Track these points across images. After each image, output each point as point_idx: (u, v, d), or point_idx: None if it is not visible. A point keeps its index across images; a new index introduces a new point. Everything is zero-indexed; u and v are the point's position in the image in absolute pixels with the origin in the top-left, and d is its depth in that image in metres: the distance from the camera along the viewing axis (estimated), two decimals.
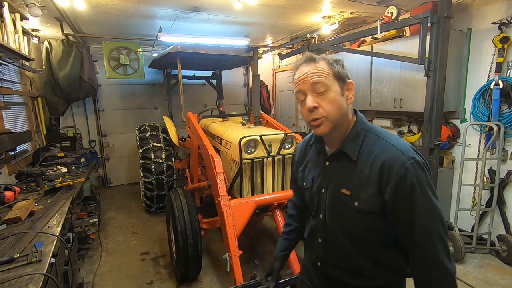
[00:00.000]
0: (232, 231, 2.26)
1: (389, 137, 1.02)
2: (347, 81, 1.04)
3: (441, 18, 2.91)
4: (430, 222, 0.94)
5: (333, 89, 1.00)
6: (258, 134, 2.66)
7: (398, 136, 1.08)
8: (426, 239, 0.94)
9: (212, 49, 4.08)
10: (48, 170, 3.21)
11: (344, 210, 1.06)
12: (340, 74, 1.02)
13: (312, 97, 1.00)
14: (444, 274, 0.94)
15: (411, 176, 0.93)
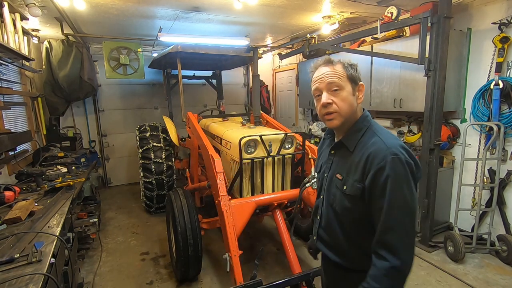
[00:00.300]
0: (232, 231, 2.26)
1: (383, 135, 1.14)
2: (359, 83, 1.20)
3: (441, 18, 2.91)
4: (397, 214, 1.03)
5: (346, 89, 1.16)
6: (258, 134, 2.65)
7: (395, 135, 1.17)
8: (388, 228, 1.04)
9: (212, 49, 4.08)
10: (48, 170, 3.21)
11: (335, 192, 1.22)
12: (353, 76, 1.18)
13: (327, 94, 1.16)
14: (391, 265, 1.02)
15: (388, 169, 1.03)
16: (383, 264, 1.04)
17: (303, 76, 5.73)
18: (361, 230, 1.17)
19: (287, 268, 2.83)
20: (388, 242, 1.04)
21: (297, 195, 2.52)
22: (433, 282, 2.82)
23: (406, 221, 1.04)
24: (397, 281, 1.06)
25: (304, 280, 2.20)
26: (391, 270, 1.03)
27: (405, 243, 1.04)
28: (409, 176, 1.05)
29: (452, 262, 3.11)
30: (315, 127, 5.66)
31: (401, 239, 1.03)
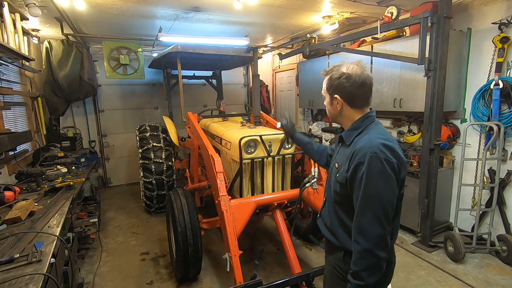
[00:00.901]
0: (232, 231, 2.26)
1: (373, 134, 1.27)
2: (334, 96, 1.36)
3: (441, 18, 2.91)
4: (370, 203, 1.18)
5: (326, 99, 1.43)
6: (258, 134, 2.65)
7: (386, 135, 1.27)
8: (361, 215, 1.19)
9: (212, 49, 4.08)
10: (48, 170, 3.21)
11: (332, 178, 1.43)
12: (331, 89, 1.37)
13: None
14: (363, 248, 1.17)
15: (366, 164, 1.18)
16: (357, 247, 1.19)
17: (303, 76, 5.73)
18: (347, 213, 1.33)
19: (287, 268, 2.82)
20: (360, 227, 1.19)
21: (297, 195, 2.52)
22: (433, 282, 2.82)
23: (379, 210, 1.16)
24: (372, 264, 1.17)
25: (304, 280, 2.20)
26: (364, 253, 1.17)
27: (376, 229, 1.16)
28: (387, 172, 1.17)
29: (452, 262, 3.11)
30: (315, 127, 5.66)
31: (371, 225, 1.16)
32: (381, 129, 1.32)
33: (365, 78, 1.30)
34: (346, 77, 1.30)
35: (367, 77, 1.31)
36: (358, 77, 1.29)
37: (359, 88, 1.30)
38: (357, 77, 1.29)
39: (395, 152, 1.21)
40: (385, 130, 1.33)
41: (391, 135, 1.34)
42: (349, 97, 1.33)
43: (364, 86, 1.31)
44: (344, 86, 1.31)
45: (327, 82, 1.38)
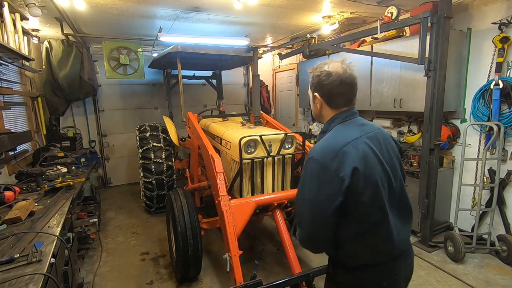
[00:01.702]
0: (232, 231, 2.26)
1: (325, 138, 1.24)
2: (314, 94, 1.32)
3: (441, 18, 2.91)
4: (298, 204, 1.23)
5: (310, 96, 1.36)
6: (258, 134, 2.65)
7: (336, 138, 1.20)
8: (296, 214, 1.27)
9: (212, 49, 4.08)
10: (48, 170, 3.21)
11: None
12: (312, 87, 1.32)
13: None
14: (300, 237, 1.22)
15: (304, 166, 1.20)
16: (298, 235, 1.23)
17: (303, 76, 5.73)
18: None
19: (287, 268, 2.82)
20: (297, 223, 1.23)
21: None
22: (433, 282, 2.82)
23: (304, 211, 1.19)
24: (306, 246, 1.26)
25: (304, 280, 2.20)
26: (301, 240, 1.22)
27: (304, 226, 1.19)
28: (315, 175, 1.14)
29: (452, 262, 3.11)
30: (315, 127, 5.66)
31: (301, 223, 1.20)
32: (343, 130, 1.22)
33: (346, 77, 1.21)
34: (326, 74, 1.23)
35: (348, 76, 1.22)
36: (338, 75, 1.21)
37: (338, 86, 1.22)
38: (336, 75, 1.21)
39: (338, 154, 1.11)
40: (350, 130, 1.22)
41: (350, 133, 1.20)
42: (328, 96, 1.26)
43: (343, 85, 1.22)
44: (323, 84, 1.24)
45: (310, 80, 1.32)
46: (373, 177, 1.14)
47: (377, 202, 1.16)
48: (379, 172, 1.16)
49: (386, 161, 1.21)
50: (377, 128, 1.30)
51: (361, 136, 1.19)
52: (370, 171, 1.13)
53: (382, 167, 1.19)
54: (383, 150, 1.23)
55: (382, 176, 1.17)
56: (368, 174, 1.12)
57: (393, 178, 1.22)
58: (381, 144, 1.24)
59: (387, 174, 1.20)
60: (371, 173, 1.13)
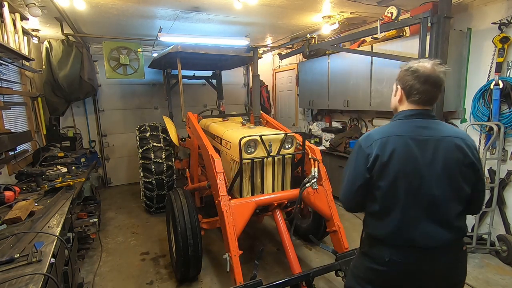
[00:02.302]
0: (232, 231, 2.26)
1: (378, 128, 1.43)
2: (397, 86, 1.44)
3: (441, 18, 2.91)
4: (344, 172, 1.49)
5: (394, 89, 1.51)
6: (258, 134, 2.65)
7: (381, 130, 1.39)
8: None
9: (212, 49, 4.08)
10: (48, 170, 3.21)
11: None
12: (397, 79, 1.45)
13: None
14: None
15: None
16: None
17: (303, 76, 5.73)
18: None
19: (287, 268, 2.82)
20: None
21: (297, 195, 2.52)
22: None
23: (344, 178, 1.45)
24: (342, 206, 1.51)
25: (304, 280, 2.20)
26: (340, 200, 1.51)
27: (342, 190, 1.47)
28: (354, 155, 1.41)
29: None
30: (315, 127, 5.66)
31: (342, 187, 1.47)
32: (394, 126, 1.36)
33: (432, 76, 1.26)
34: (413, 70, 1.29)
35: (436, 76, 1.26)
36: (425, 73, 1.26)
37: (421, 83, 1.28)
38: (423, 73, 1.26)
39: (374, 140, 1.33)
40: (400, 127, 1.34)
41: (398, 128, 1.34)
42: (409, 90, 1.33)
43: (428, 83, 1.27)
44: (407, 78, 1.32)
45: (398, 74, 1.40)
46: (392, 169, 1.28)
47: (392, 191, 1.30)
48: (404, 169, 1.28)
49: (425, 165, 1.27)
50: (442, 136, 1.29)
51: (405, 135, 1.31)
52: (392, 164, 1.28)
53: (414, 167, 1.28)
54: (428, 155, 1.28)
55: (408, 174, 1.28)
56: (389, 164, 1.28)
57: (428, 182, 1.27)
58: (431, 150, 1.28)
59: (419, 176, 1.28)
60: (393, 166, 1.28)
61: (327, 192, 2.70)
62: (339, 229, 2.60)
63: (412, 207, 1.30)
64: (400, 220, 1.31)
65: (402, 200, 1.29)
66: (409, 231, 1.31)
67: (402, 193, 1.29)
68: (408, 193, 1.29)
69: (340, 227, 2.61)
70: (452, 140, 1.29)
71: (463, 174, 1.29)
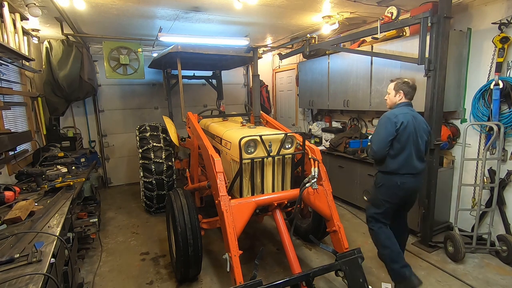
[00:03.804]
0: (232, 231, 2.26)
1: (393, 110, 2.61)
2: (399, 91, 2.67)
3: (441, 18, 2.91)
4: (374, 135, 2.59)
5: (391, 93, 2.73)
6: (258, 134, 2.65)
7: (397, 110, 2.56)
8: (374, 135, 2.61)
9: (212, 49, 4.08)
10: (48, 170, 3.21)
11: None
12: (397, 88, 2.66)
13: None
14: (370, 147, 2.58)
15: (380, 120, 2.57)
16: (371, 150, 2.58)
17: (303, 76, 5.73)
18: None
19: (287, 268, 2.83)
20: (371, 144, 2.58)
21: (297, 195, 2.52)
22: (433, 282, 2.82)
23: (377, 137, 2.51)
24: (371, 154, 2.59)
25: (304, 280, 2.20)
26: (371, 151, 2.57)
27: (376, 144, 2.50)
28: (385, 122, 2.49)
29: (452, 262, 3.11)
30: (315, 127, 5.66)
31: (374, 144, 2.53)
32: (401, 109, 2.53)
33: (414, 86, 2.59)
34: (408, 82, 2.58)
35: (415, 85, 2.60)
36: (412, 84, 2.59)
37: (412, 89, 2.58)
38: (412, 84, 2.59)
39: (397, 116, 2.45)
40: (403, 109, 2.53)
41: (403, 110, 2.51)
42: (407, 92, 2.57)
43: (413, 89, 2.58)
44: (406, 86, 2.57)
45: (395, 84, 2.60)
46: (408, 130, 2.44)
47: (407, 142, 2.45)
48: (411, 131, 2.46)
49: (416, 128, 2.49)
50: (418, 114, 2.58)
51: (408, 112, 2.51)
52: (407, 127, 2.44)
53: (414, 129, 2.47)
54: (417, 123, 2.50)
55: (412, 133, 2.46)
56: (406, 128, 2.44)
57: (419, 137, 2.49)
58: (417, 120, 2.52)
59: (415, 134, 2.48)
60: (407, 128, 2.44)
61: (327, 192, 2.70)
62: (339, 229, 2.60)
63: (411, 151, 2.46)
64: (405, 159, 2.46)
65: (407, 147, 2.45)
66: (409, 165, 2.47)
67: (408, 143, 2.45)
68: (411, 143, 2.46)
69: (340, 227, 2.61)
70: (419, 115, 2.59)
71: (425, 136, 2.57)
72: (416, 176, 2.51)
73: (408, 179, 2.47)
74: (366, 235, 3.80)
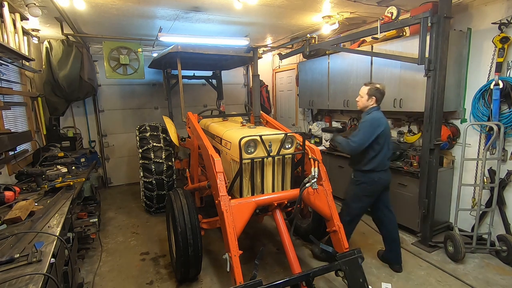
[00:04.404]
0: (232, 231, 2.26)
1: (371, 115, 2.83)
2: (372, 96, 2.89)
3: (441, 18, 2.91)
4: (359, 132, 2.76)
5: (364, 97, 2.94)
6: (258, 134, 2.65)
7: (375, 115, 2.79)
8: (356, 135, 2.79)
9: (212, 49, 4.08)
10: (48, 170, 3.21)
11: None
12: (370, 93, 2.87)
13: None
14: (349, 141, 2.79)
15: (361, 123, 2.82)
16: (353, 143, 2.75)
17: (303, 76, 5.73)
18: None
19: (287, 268, 2.83)
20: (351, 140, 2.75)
21: (297, 195, 2.52)
22: (433, 282, 2.82)
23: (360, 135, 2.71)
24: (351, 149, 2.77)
25: (304, 280, 2.20)
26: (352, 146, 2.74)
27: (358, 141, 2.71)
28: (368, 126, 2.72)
29: (452, 262, 3.12)
30: (315, 127, 5.66)
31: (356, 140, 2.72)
32: (377, 113, 2.78)
33: (384, 91, 2.82)
34: (379, 88, 2.79)
35: (384, 91, 2.83)
36: (383, 90, 2.81)
37: (382, 95, 2.82)
38: (382, 90, 2.81)
39: (380, 120, 2.74)
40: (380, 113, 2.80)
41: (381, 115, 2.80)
42: (379, 98, 2.81)
43: (383, 94, 2.82)
44: (378, 92, 2.79)
45: (368, 89, 2.80)
46: (385, 133, 2.74)
47: (384, 143, 2.76)
48: (387, 132, 2.78)
49: (388, 130, 2.81)
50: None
51: (383, 117, 2.79)
52: (385, 131, 2.74)
53: (388, 133, 2.79)
54: (388, 127, 2.80)
55: (387, 135, 2.79)
56: (384, 131, 2.74)
57: (389, 140, 2.83)
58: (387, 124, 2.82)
59: (389, 136, 2.82)
60: (385, 131, 2.75)
61: (327, 192, 2.70)
62: (339, 229, 2.60)
63: (386, 151, 2.79)
64: (382, 158, 2.77)
65: (384, 148, 2.77)
66: (384, 163, 2.80)
67: (385, 144, 2.77)
68: (386, 144, 2.79)
69: (340, 227, 2.61)
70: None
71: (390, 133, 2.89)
72: (387, 171, 2.87)
73: (383, 175, 2.82)
74: (366, 235, 3.80)
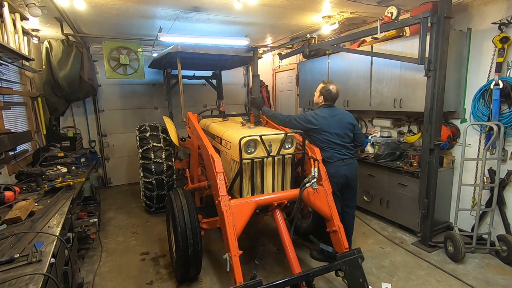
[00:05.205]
0: (232, 231, 2.26)
1: (315, 110, 3.08)
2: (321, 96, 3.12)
3: (441, 18, 2.91)
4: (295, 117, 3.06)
5: (317, 95, 3.16)
6: (258, 134, 2.65)
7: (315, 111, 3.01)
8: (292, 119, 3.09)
9: (212, 49, 4.08)
10: (48, 170, 3.21)
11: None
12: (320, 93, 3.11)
13: None
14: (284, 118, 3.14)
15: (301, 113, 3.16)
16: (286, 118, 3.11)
17: (303, 76, 5.73)
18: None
19: (287, 268, 2.83)
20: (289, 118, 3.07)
21: (297, 195, 2.52)
22: (433, 282, 2.82)
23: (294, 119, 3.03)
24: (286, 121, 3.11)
25: (304, 280, 2.20)
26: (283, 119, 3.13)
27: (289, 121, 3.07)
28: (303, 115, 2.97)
29: (452, 262, 3.12)
30: None
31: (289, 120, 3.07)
32: (323, 110, 2.98)
33: (336, 93, 2.99)
34: (329, 90, 2.97)
35: (337, 93, 3.00)
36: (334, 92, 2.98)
37: (332, 95, 2.98)
38: (333, 92, 2.98)
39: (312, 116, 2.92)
40: (325, 110, 2.96)
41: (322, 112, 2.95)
42: (327, 98, 3.00)
43: (334, 96, 2.99)
44: (326, 93, 2.98)
45: (320, 89, 3.02)
46: (326, 126, 2.89)
47: (326, 134, 2.89)
48: (330, 125, 2.89)
49: (339, 123, 2.92)
50: (342, 112, 3.01)
51: (329, 112, 2.94)
52: (324, 124, 2.89)
53: (335, 124, 2.90)
54: (339, 119, 2.93)
55: (333, 127, 2.89)
56: (324, 124, 2.89)
57: (341, 130, 2.91)
58: (339, 117, 2.94)
59: (338, 127, 2.90)
60: (325, 124, 2.88)
61: (327, 192, 2.70)
62: (339, 229, 2.60)
63: (338, 142, 2.89)
64: (332, 148, 2.89)
65: (332, 139, 2.88)
66: (333, 155, 2.88)
67: (330, 135, 2.89)
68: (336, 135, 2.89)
69: (340, 227, 2.61)
70: (345, 113, 3.00)
71: (349, 128, 2.95)
72: (348, 164, 2.93)
73: (341, 168, 2.89)
74: (366, 235, 3.80)
